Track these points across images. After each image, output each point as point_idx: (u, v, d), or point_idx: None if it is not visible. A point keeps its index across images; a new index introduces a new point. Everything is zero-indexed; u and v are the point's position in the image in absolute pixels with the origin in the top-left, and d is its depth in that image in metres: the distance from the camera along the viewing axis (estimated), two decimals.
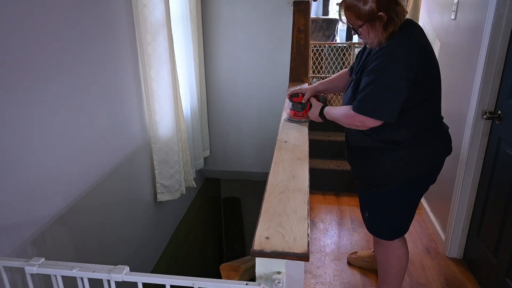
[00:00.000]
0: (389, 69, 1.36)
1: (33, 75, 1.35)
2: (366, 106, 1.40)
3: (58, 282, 0.95)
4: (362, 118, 1.41)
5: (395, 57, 1.36)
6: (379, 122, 1.41)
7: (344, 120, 1.51)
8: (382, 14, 1.36)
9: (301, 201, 1.13)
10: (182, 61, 2.73)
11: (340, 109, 1.55)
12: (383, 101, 1.38)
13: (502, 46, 1.85)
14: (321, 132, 3.28)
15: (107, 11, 1.80)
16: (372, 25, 1.38)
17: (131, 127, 2.11)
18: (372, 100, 1.39)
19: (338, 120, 1.57)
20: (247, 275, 1.98)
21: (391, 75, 1.36)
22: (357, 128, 1.49)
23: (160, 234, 2.63)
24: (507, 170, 1.81)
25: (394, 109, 1.38)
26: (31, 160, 1.37)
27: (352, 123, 1.48)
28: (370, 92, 1.38)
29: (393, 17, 1.37)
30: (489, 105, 1.95)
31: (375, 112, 1.39)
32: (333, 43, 3.76)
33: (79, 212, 1.65)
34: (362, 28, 1.42)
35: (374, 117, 1.40)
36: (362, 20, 1.39)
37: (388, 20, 1.37)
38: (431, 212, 2.60)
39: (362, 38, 1.47)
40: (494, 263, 1.88)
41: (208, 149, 3.41)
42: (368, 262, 2.18)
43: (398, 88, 1.36)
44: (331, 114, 1.62)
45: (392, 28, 1.38)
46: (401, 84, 1.36)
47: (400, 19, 1.38)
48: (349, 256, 2.28)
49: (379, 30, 1.38)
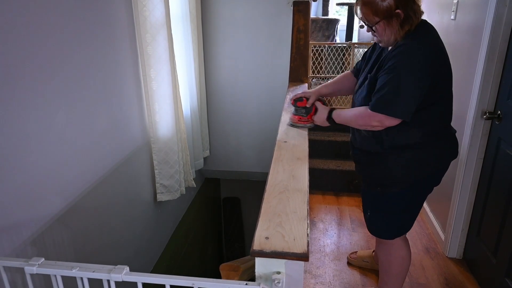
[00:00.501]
0: (407, 68, 1.34)
1: (32, 75, 1.35)
2: (385, 104, 1.37)
3: (58, 282, 0.95)
4: (381, 117, 1.38)
5: (413, 56, 1.34)
6: (397, 121, 1.39)
7: (360, 121, 1.47)
8: (400, 11, 1.34)
9: (300, 201, 1.13)
10: (182, 61, 2.73)
11: (354, 110, 1.51)
12: (402, 100, 1.36)
13: (501, 46, 1.85)
14: (321, 132, 3.28)
15: (107, 11, 1.80)
16: (389, 22, 1.36)
17: (131, 127, 2.11)
18: (390, 98, 1.36)
19: (351, 122, 1.52)
20: (247, 275, 1.98)
21: (410, 73, 1.34)
22: (373, 128, 1.45)
23: (160, 234, 2.63)
24: (506, 170, 1.81)
25: (412, 107, 1.36)
26: (31, 160, 1.37)
27: (369, 123, 1.43)
28: (388, 91, 1.36)
29: (411, 15, 1.35)
30: (489, 105, 1.95)
31: (394, 110, 1.37)
32: (333, 43, 3.76)
33: (79, 212, 1.65)
34: (378, 25, 1.39)
35: (393, 115, 1.37)
36: (379, 16, 1.37)
37: (405, 18, 1.35)
38: (431, 212, 2.60)
39: (377, 36, 1.44)
40: (494, 263, 1.89)
41: (208, 149, 3.41)
42: (368, 262, 2.18)
43: (416, 87, 1.35)
44: (342, 117, 1.56)
45: (409, 27, 1.36)
46: (419, 83, 1.34)
47: (418, 18, 1.37)
48: (349, 256, 2.28)
49: (396, 27, 1.36)
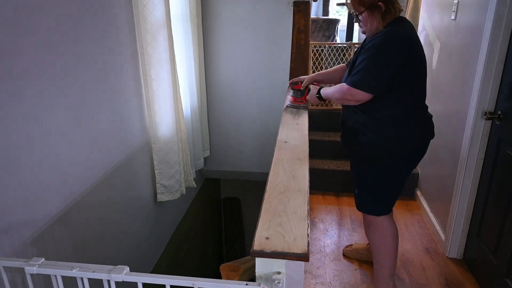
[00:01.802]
0: (380, 49, 1.55)
1: (32, 75, 1.35)
2: (357, 80, 1.59)
3: (58, 282, 0.95)
4: (352, 91, 1.60)
5: (387, 41, 1.56)
6: (367, 95, 1.60)
7: (337, 95, 1.70)
8: (381, 4, 1.57)
9: (301, 202, 1.13)
10: (182, 61, 2.74)
11: (335, 86, 1.75)
12: (372, 76, 1.57)
13: (502, 47, 1.85)
14: (321, 132, 3.28)
15: (107, 11, 1.80)
16: (372, 13, 1.59)
17: (131, 127, 2.11)
18: (362, 75, 1.58)
19: (332, 97, 1.76)
20: (247, 275, 1.98)
21: (381, 54, 1.56)
22: (349, 102, 1.67)
23: (160, 234, 2.64)
24: (507, 170, 1.81)
25: (380, 84, 1.58)
26: (31, 160, 1.37)
27: (344, 97, 1.65)
28: (361, 68, 1.58)
29: (391, 8, 1.58)
30: (489, 106, 1.95)
31: (365, 85, 1.58)
32: (333, 43, 3.75)
33: (79, 212, 1.66)
34: (363, 15, 1.62)
35: (362, 89, 1.58)
36: (365, 6, 1.60)
37: (386, 10, 1.58)
38: (431, 212, 2.60)
39: (362, 25, 1.67)
40: (494, 263, 1.89)
41: (208, 149, 3.41)
42: (363, 254, 2.26)
43: (386, 66, 1.56)
44: (326, 93, 1.82)
45: (389, 19, 1.59)
46: (389, 63, 1.55)
47: (396, 12, 1.60)
48: (345, 248, 2.34)
49: (378, 18, 1.60)
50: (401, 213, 2.77)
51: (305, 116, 1.96)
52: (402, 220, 2.68)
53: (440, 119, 2.51)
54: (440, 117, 2.51)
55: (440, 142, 2.47)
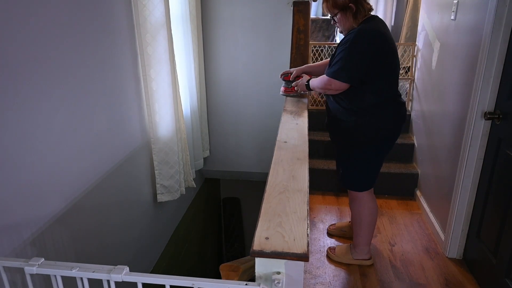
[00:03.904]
0: (354, 43, 1.74)
1: (32, 75, 1.35)
2: (335, 71, 1.80)
3: (58, 282, 0.95)
4: (331, 81, 1.82)
5: (361, 36, 1.75)
6: (344, 85, 1.81)
7: (320, 85, 1.92)
8: (352, 5, 1.79)
9: (300, 202, 1.13)
10: (182, 61, 2.73)
11: (319, 77, 1.98)
12: (348, 68, 1.77)
13: (501, 47, 1.85)
14: (321, 132, 3.28)
15: (107, 11, 1.80)
16: (345, 13, 1.82)
17: (130, 127, 2.11)
18: (339, 66, 1.78)
19: (317, 86, 1.97)
20: (247, 275, 1.98)
21: (355, 48, 1.75)
22: (330, 92, 1.90)
23: (160, 234, 2.63)
24: (506, 170, 1.81)
25: (355, 74, 1.78)
26: (31, 160, 1.37)
27: (325, 86, 1.87)
28: (338, 60, 1.79)
29: (360, 9, 1.80)
30: (489, 106, 1.95)
31: (340, 76, 1.79)
32: (333, 44, 3.75)
33: (79, 213, 1.65)
34: (337, 16, 1.85)
35: (339, 79, 1.79)
36: (337, 8, 1.83)
37: (356, 10, 1.80)
38: (431, 212, 2.60)
39: (338, 25, 1.89)
40: (494, 263, 1.89)
41: (208, 149, 3.41)
42: (346, 231, 2.46)
43: (360, 58, 1.76)
44: (312, 82, 2.03)
45: (361, 18, 1.81)
46: (362, 55, 1.75)
47: (366, 11, 1.81)
48: (329, 227, 2.55)
49: (350, 18, 1.82)
50: (401, 213, 2.77)
51: (305, 116, 1.96)
52: (402, 220, 2.68)
53: (439, 119, 2.51)
54: (439, 117, 2.51)
55: (440, 142, 2.47)
